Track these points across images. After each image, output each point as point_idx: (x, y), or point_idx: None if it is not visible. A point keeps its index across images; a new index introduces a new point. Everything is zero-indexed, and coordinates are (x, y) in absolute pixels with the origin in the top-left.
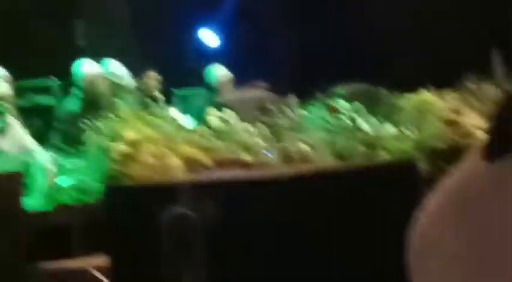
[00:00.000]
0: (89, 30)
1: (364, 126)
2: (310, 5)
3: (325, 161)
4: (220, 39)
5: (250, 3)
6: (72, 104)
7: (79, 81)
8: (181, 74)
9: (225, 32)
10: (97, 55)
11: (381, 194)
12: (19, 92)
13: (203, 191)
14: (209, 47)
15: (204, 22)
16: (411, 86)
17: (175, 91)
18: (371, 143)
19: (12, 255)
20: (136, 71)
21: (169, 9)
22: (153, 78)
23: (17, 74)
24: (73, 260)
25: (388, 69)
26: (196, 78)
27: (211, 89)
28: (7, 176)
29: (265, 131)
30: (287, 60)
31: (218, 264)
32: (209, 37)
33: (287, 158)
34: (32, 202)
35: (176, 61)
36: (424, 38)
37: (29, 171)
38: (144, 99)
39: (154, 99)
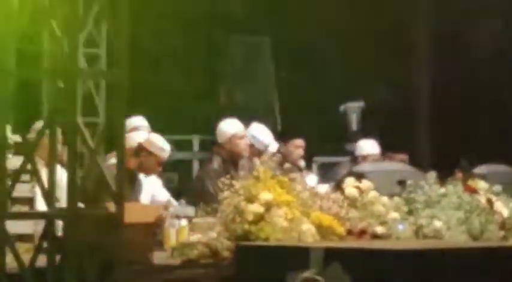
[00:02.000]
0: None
1: (502, 208)
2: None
3: (458, 239)
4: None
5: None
6: (213, 162)
7: (222, 139)
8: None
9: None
10: (246, 114)
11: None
12: None
13: (332, 258)
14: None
15: None
16: None
17: (317, 158)
18: (507, 226)
19: None
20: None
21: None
22: (296, 145)
23: (160, 127)
24: None
25: None
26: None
27: (354, 158)
28: (139, 226)
29: (401, 204)
30: (430, 135)
31: None
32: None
33: (420, 233)
34: (162, 255)
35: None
36: None
37: (161, 224)
38: (286, 165)
39: (296, 166)
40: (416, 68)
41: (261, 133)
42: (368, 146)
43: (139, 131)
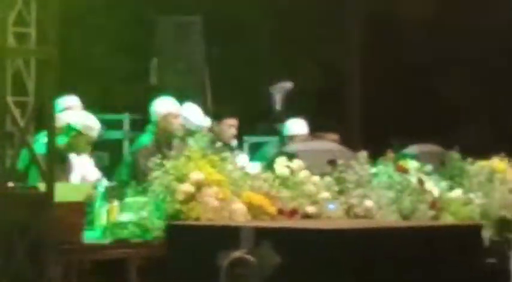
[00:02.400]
0: (165, 68)
1: (432, 188)
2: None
3: (389, 218)
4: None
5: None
6: (144, 141)
7: (154, 118)
8: (255, 121)
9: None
10: (177, 94)
11: (441, 255)
12: None
13: (263, 237)
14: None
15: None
16: (483, 153)
17: (248, 138)
18: (437, 206)
19: None
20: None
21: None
22: (229, 124)
23: (91, 106)
24: None
25: (461, 133)
26: (270, 127)
27: (283, 137)
28: (70, 206)
29: (332, 183)
30: (361, 115)
31: None
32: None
33: (351, 212)
34: (92, 235)
35: (253, 108)
36: (503, 106)
37: (92, 203)
38: (218, 144)
39: (228, 145)
40: (348, 49)
41: (192, 113)
42: (296, 126)
43: (72, 110)
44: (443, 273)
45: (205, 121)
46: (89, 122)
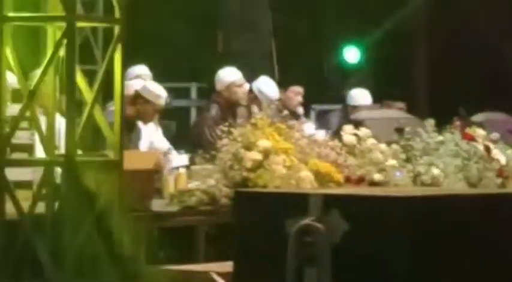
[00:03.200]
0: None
1: (499, 155)
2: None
3: (456, 186)
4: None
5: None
6: (211, 110)
7: (220, 87)
8: (322, 90)
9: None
10: (243, 62)
11: (510, 223)
12: None
13: (331, 205)
14: (352, 64)
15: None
16: None
17: (315, 106)
18: (504, 173)
19: (137, 254)
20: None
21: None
22: (295, 92)
23: (159, 75)
24: (196, 264)
25: None
26: (337, 96)
27: (350, 106)
28: (138, 173)
29: (399, 151)
30: (429, 83)
31: (342, 278)
32: (353, 54)
33: (418, 180)
34: (161, 202)
35: (320, 76)
36: None
37: (160, 171)
38: (284, 112)
39: (294, 113)
40: (413, 14)
41: (267, 87)
42: (359, 96)
43: (141, 79)
44: (510, 242)
45: (278, 94)
46: (156, 90)
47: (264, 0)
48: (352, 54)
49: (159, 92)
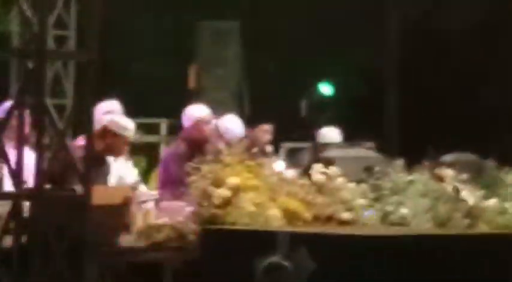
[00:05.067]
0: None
1: (468, 196)
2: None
3: (424, 226)
4: (335, 92)
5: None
6: (179, 146)
7: (187, 124)
8: (292, 127)
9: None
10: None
11: (476, 264)
12: None
13: (299, 242)
14: (324, 100)
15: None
16: None
17: (284, 144)
18: (472, 214)
19: None
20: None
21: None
22: (264, 130)
23: (129, 110)
24: None
25: (498, 142)
26: (307, 133)
27: (320, 144)
28: (107, 208)
29: (368, 190)
30: (399, 123)
31: None
32: (327, 90)
33: (386, 219)
34: (128, 237)
35: (290, 114)
36: None
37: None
38: (254, 150)
39: (263, 151)
40: (386, 56)
41: (234, 125)
42: (330, 134)
43: (111, 114)
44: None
45: (244, 132)
46: (124, 123)
47: (236, 37)
48: (326, 89)
49: (126, 125)
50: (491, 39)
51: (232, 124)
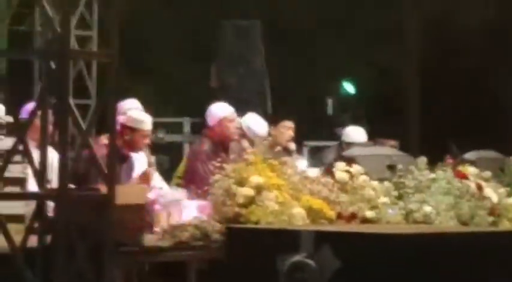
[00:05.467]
0: (226, 71)
1: (491, 194)
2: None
3: (448, 224)
4: (357, 91)
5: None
6: (203, 145)
7: (212, 122)
8: (315, 126)
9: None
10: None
11: (501, 261)
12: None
13: (323, 241)
14: (348, 99)
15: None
16: None
17: (307, 143)
18: (496, 211)
19: None
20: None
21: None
22: (286, 127)
23: (152, 110)
24: None
25: None
26: (331, 132)
27: (344, 143)
28: (130, 208)
29: (391, 189)
30: (421, 121)
31: None
32: (349, 88)
33: (410, 217)
34: (152, 237)
35: (313, 112)
36: None
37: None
38: (277, 148)
39: (286, 149)
40: (406, 53)
41: (256, 123)
42: (355, 134)
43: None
44: (502, 281)
45: (266, 130)
46: (139, 117)
47: (257, 35)
48: (350, 88)
49: (142, 118)
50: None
51: (255, 123)
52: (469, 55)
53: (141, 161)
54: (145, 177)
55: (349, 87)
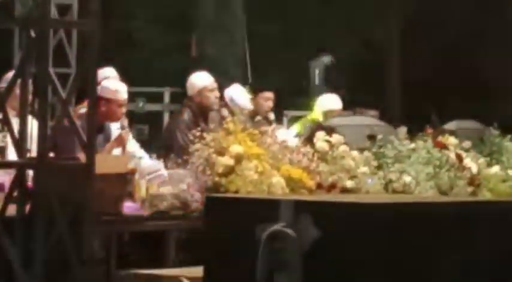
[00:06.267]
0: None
1: (471, 164)
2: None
3: (427, 194)
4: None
5: None
6: (183, 114)
7: (192, 92)
8: (294, 95)
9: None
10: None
11: (479, 231)
12: (131, 97)
13: (303, 210)
14: (329, 68)
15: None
16: None
17: (287, 112)
18: (475, 182)
19: (105, 259)
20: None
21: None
22: (265, 98)
23: (132, 79)
24: (167, 268)
25: (500, 109)
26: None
27: (322, 112)
28: (110, 177)
29: (371, 158)
30: (402, 91)
31: None
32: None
33: (389, 187)
34: (131, 206)
35: (293, 80)
36: None
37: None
38: (256, 118)
39: (266, 119)
40: (386, 21)
41: (239, 96)
42: (330, 101)
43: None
44: (481, 251)
45: (250, 103)
46: (113, 86)
47: (238, 4)
48: (330, 57)
49: (117, 88)
50: (491, 3)
51: (238, 95)
52: (451, 24)
53: (118, 131)
54: (120, 140)
55: (329, 57)
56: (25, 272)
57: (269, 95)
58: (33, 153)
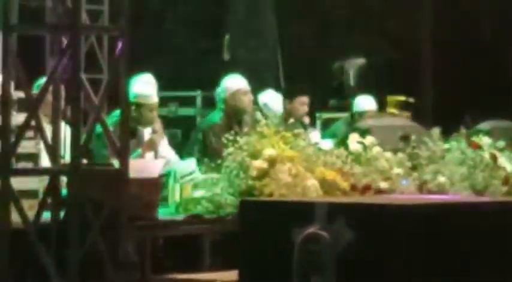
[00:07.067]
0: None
1: (505, 163)
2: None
3: (462, 194)
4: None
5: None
6: (215, 118)
7: (223, 95)
8: (328, 97)
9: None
10: (249, 71)
11: None
12: (163, 101)
13: (337, 213)
14: (361, 70)
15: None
16: None
17: (320, 115)
18: (510, 181)
19: (140, 264)
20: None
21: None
22: (301, 102)
23: (164, 84)
24: (201, 272)
25: None
26: (343, 103)
27: (356, 113)
28: (143, 182)
29: (405, 159)
30: (434, 92)
31: None
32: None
33: (424, 188)
34: (166, 211)
35: (326, 82)
36: None
37: (166, 180)
38: (290, 121)
39: (301, 123)
40: (419, 21)
41: (273, 101)
42: (364, 102)
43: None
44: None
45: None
46: (141, 91)
47: (269, 8)
48: (362, 60)
49: (147, 92)
50: None
51: (271, 100)
52: (484, 23)
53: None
54: (150, 144)
55: (361, 59)
56: (61, 279)
57: (305, 99)
58: (67, 159)
